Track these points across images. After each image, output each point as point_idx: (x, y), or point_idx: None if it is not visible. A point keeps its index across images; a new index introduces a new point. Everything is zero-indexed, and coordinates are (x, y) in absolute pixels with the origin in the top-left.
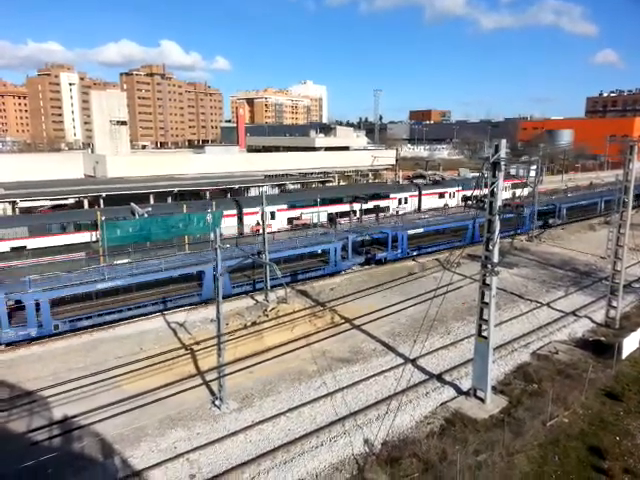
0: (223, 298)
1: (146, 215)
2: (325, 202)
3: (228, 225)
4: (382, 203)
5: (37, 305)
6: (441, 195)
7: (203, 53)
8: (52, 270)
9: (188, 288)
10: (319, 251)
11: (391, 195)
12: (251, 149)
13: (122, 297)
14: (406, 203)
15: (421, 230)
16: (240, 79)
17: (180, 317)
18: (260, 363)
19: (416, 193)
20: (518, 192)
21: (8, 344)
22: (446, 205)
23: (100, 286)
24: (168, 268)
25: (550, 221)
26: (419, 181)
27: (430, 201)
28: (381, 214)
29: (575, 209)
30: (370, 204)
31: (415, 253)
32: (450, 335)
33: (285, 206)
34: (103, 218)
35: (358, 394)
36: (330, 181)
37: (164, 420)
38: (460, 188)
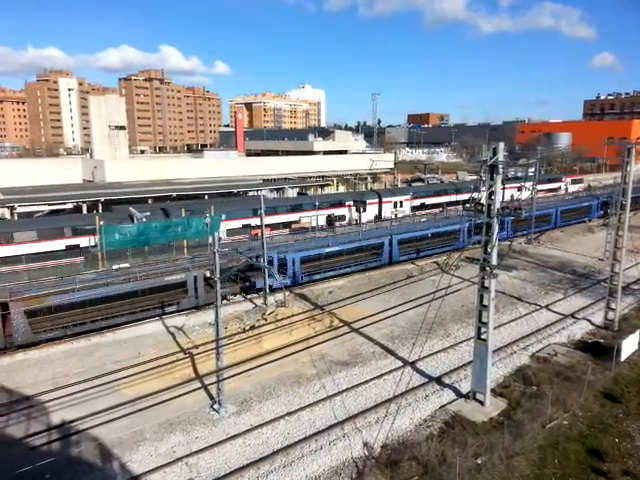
0: None
1: (144, 219)
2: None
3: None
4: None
5: None
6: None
7: (203, 58)
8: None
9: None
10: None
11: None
12: (250, 153)
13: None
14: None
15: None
16: (239, 84)
17: (179, 321)
18: (259, 367)
19: (376, 200)
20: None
21: None
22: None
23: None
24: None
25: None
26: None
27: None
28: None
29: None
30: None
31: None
32: (449, 338)
33: (409, 196)
34: (101, 223)
35: (357, 397)
36: (328, 185)
37: (163, 424)
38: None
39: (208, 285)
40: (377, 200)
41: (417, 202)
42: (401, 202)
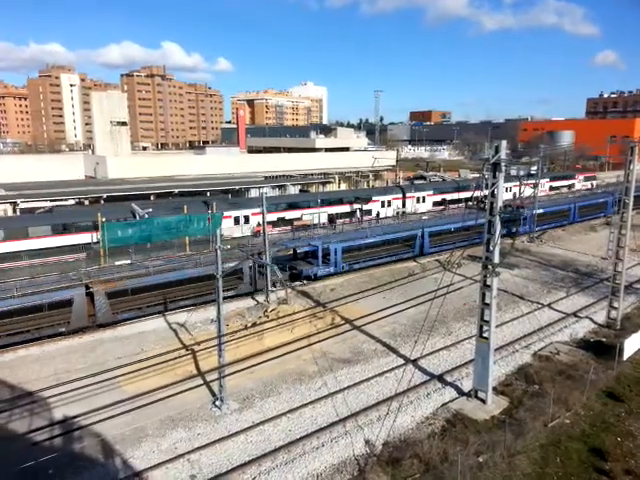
0: None
1: (147, 216)
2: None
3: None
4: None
5: None
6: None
7: (205, 54)
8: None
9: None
10: None
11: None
12: (251, 150)
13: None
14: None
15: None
16: (242, 80)
17: (181, 318)
18: (261, 364)
19: (400, 196)
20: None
21: None
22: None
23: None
24: None
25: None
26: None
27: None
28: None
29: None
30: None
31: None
32: (451, 336)
33: (432, 192)
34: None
35: (359, 395)
36: (330, 182)
37: (165, 420)
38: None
39: (259, 272)
40: (401, 195)
41: (438, 197)
42: (424, 197)
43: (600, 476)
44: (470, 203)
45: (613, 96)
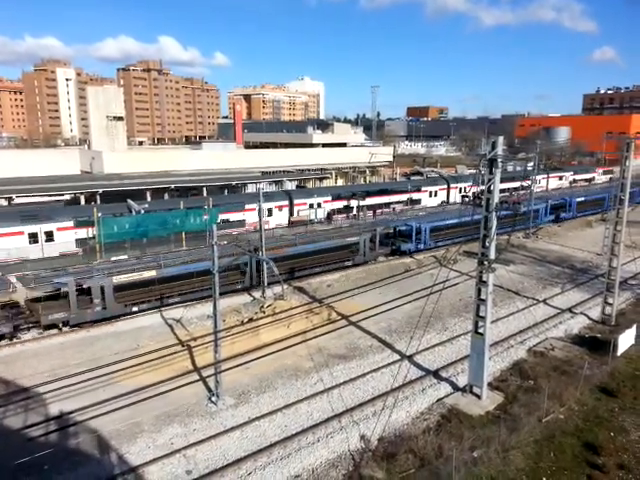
0: None
1: (142, 211)
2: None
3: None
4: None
5: None
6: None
7: (202, 49)
8: None
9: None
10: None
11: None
12: (248, 145)
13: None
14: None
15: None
16: (239, 75)
17: (177, 313)
18: (257, 359)
19: (445, 186)
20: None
21: None
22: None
23: None
24: None
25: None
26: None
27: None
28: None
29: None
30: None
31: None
32: (446, 331)
33: (471, 183)
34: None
35: (355, 390)
36: (327, 178)
37: (160, 416)
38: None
39: (372, 246)
40: (446, 186)
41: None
42: (465, 188)
43: (593, 470)
44: (466, 199)
45: (610, 92)
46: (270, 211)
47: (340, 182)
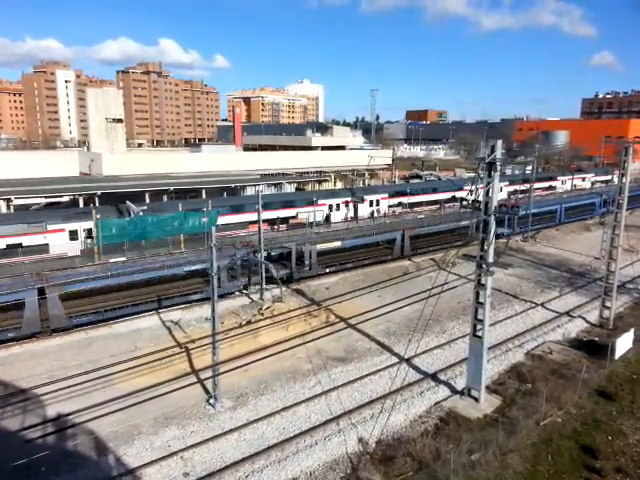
0: None
1: (141, 213)
2: None
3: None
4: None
5: None
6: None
7: (202, 52)
8: None
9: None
10: None
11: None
12: (247, 148)
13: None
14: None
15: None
16: (238, 78)
17: (175, 315)
18: (255, 362)
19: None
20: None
21: None
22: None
23: None
24: None
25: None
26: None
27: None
28: None
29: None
30: None
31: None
32: (445, 334)
33: (507, 182)
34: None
35: (353, 393)
36: (326, 180)
37: (158, 418)
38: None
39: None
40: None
41: (511, 188)
42: (501, 188)
43: (591, 474)
44: (465, 203)
45: (608, 97)
46: (338, 206)
47: (339, 185)
